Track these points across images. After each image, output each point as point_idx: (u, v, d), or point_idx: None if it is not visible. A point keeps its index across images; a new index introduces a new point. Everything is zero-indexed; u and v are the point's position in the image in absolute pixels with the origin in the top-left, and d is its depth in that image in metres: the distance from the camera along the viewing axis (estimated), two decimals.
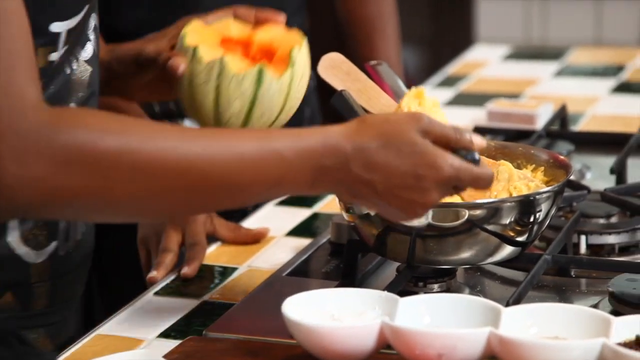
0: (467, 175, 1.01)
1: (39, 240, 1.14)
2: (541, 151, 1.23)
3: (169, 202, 0.98)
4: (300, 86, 1.18)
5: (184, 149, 0.96)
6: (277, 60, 1.16)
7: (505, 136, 1.61)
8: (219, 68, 1.14)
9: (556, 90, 1.97)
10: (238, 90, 1.14)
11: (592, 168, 1.56)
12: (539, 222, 1.14)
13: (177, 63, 1.15)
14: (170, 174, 0.96)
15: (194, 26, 1.18)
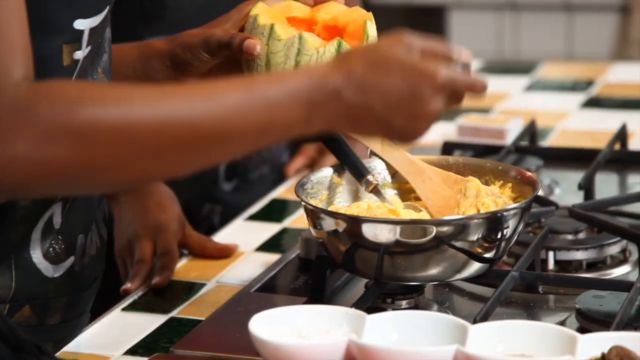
0: (462, 80, 1.00)
1: (58, 255, 1.13)
2: (509, 167, 1.23)
3: (158, 164, 0.95)
4: None
5: (167, 107, 0.94)
6: (349, 35, 1.14)
7: (474, 151, 1.62)
8: (298, 45, 1.12)
9: (526, 104, 1.98)
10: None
11: (560, 183, 1.57)
12: (507, 238, 1.14)
13: (254, 43, 1.13)
14: (154, 135, 0.93)
15: (261, 7, 1.16)
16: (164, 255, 1.34)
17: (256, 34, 1.14)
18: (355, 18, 1.16)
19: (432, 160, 1.26)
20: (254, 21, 1.15)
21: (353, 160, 1.24)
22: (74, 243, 1.15)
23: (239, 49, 1.14)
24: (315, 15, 1.17)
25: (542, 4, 3.47)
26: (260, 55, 1.13)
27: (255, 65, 1.14)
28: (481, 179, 1.22)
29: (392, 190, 1.26)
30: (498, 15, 3.52)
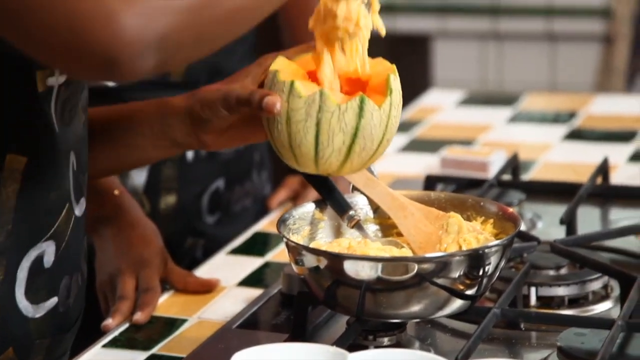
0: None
1: (40, 295, 1.11)
2: (491, 203, 1.24)
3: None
4: (397, 115, 1.13)
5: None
6: (371, 89, 1.12)
7: (457, 185, 1.62)
8: (319, 102, 1.09)
9: (509, 136, 1.98)
10: (340, 123, 1.09)
11: (543, 217, 1.57)
12: (489, 275, 1.14)
13: (274, 101, 1.10)
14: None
15: (281, 62, 1.13)
16: (146, 291, 1.33)
17: (276, 90, 1.11)
18: (378, 71, 1.13)
19: (414, 196, 1.26)
20: (273, 77, 1.12)
21: (335, 195, 1.23)
22: (58, 284, 1.13)
23: (259, 105, 1.11)
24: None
25: (525, 34, 3.49)
26: (281, 113, 1.10)
27: (276, 123, 1.11)
28: (463, 214, 1.22)
29: (374, 225, 1.26)
30: (482, 44, 3.54)
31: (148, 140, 1.21)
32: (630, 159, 1.82)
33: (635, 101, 2.21)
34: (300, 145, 1.11)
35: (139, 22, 0.92)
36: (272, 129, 1.12)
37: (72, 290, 1.16)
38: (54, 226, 1.10)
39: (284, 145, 1.12)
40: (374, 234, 1.26)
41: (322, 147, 1.10)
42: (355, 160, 1.12)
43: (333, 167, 1.13)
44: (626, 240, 1.45)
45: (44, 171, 1.08)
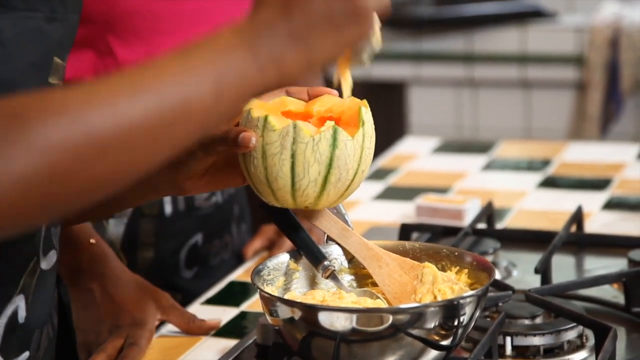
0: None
1: (13, 350, 1.09)
2: (465, 253, 1.24)
3: (130, 157, 0.92)
4: (371, 147, 1.15)
5: (125, 108, 0.90)
6: (344, 123, 1.14)
7: (432, 233, 1.62)
8: (293, 134, 1.11)
9: (484, 184, 1.99)
10: (314, 154, 1.11)
11: (518, 265, 1.57)
12: (464, 325, 1.14)
13: (249, 136, 1.11)
14: (120, 127, 0.89)
15: (254, 102, 1.15)
16: (131, 346, 1.32)
17: (250, 127, 1.12)
18: (350, 106, 1.15)
19: (388, 246, 1.26)
20: (247, 115, 1.14)
21: (309, 245, 1.23)
22: (30, 338, 1.12)
23: (235, 142, 1.12)
24: (310, 109, 1.16)
25: (499, 81, 3.51)
26: (256, 148, 1.12)
27: (252, 158, 1.13)
28: (438, 264, 1.23)
29: (349, 275, 1.26)
30: (457, 91, 3.56)
31: (127, 189, 1.21)
32: (604, 207, 1.83)
33: (609, 148, 2.23)
34: (277, 178, 1.12)
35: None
36: (249, 165, 1.14)
37: (42, 343, 1.14)
38: (21, 280, 1.09)
39: (261, 180, 1.14)
40: (348, 284, 1.25)
41: (298, 178, 1.12)
42: (332, 192, 1.14)
43: (310, 199, 1.14)
44: (601, 289, 1.45)
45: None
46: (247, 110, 1.14)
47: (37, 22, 1.02)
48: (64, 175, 0.88)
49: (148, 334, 1.35)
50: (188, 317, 1.39)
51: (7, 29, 0.99)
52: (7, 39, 0.99)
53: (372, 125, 1.16)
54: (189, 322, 1.39)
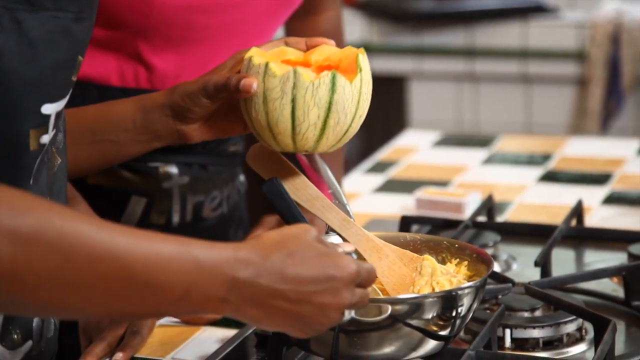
0: (364, 270, 1.02)
1: (14, 340, 1.10)
2: (465, 245, 1.24)
3: (83, 295, 0.93)
4: (368, 93, 1.19)
5: (107, 235, 0.93)
6: (342, 70, 1.17)
7: (432, 225, 1.62)
8: (293, 79, 1.15)
9: (484, 178, 1.99)
10: (314, 98, 1.15)
11: (518, 258, 1.57)
12: (462, 316, 1.14)
13: (250, 81, 1.16)
14: (90, 257, 0.92)
15: (254, 50, 1.20)
16: (133, 334, 1.32)
17: (252, 74, 1.17)
18: (347, 55, 1.19)
19: (389, 237, 1.26)
20: (248, 62, 1.18)
21: None
22: (30, 327, 1.12)
23: (236, 88, 1.17)
24: (309, 58, 1.21)
25: (500, 75, 3.51)
26: (257, 93, 1.16)
27: (253, 104, 1.17)
28: (438, 256, 1.23)
29: None
30: (457, 85, 3.56)
31: (130, 135, 1.26)
32: (605, 201, 1.83)
33: (610, 143, 2.23)
34: (277, 122, 1.16)
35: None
36: (250, 111, 1.18)
37: (45, 332, 1.15)
38: None
39: (262, 125, 1.18)
40: None
41: (298, 122, 1.16)
42: (331, 136, 1.17)
43: (310, 142, 1.18)
44: (600, 283, 1.46)
45: None
46: (248, 57, 1.19)
47: (65, 22, 1.03)
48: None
49: (150, 323, 1.35)
50: None
51: (36, 28, 1.00)
52: (36, 38, 1.01)
53: (369, 72, 1.20)
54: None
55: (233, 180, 1.68)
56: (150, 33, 1.48)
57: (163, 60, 1.51)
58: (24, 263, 0.89)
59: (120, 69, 1.51)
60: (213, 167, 1.61)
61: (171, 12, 1.47)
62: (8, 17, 0.98)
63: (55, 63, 1.03)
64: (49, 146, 1.09)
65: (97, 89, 1.50)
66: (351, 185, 1.96)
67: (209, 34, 1.51)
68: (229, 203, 1.68)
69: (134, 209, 1.56)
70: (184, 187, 1.58)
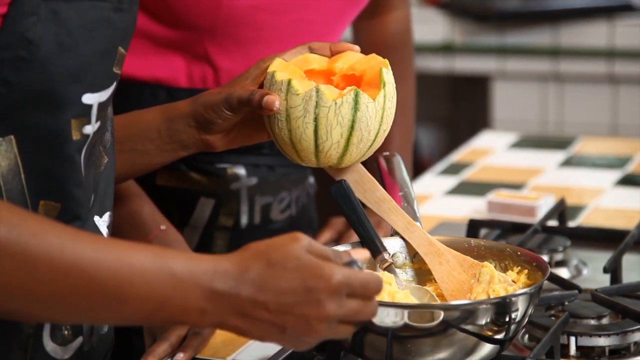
0: (356, 280, 0.98)
1: (65, 336, 1.11)
2: (526, 253, 1.22)
3: (49, 306, 0.94)
4: (392, 107, 1.19)
5: (73, 248, 0.93)
6: (366, 83, 1.17)
7: (501, 229, 1.60)
8: (316, 98, 1.15)
9: (560, 180, 1.95)
10: (337, 117, 1.15)
11: (589, 264, 1.54)
12: (517, 321, 1.12)
13: (273, 99, 1.16)
14: (53, 275, 0.93)
15: (278, 63, 1.20)
16: (195, 335, 1.32)
17: (275, 90, 1.17)
18: (372, 66, 1.18)
19: (454, 242, 1.25)
20: (271, 77, 1.18)
21: (372, 236, 1.23)
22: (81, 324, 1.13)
23: (259, 105, 1.17)
24: (333, 66, 1.20)
25: (586, 76, 3.45)
26: (280, 110, 1.16)
27: (276, 120, 1.17)
28: (501, 263, 1.22)
29: (411, 270, 1.25)
30: (542, 85, 3.51)
31: (155, 145, 1.27)
32: None
33: None
34: (300, 140, 1.16)
35: None
36: (273, 127, 1.18)
37: (96, 329, 1.16)
38: None
39: (285, 142, 1.18)
40: (412, 278, 1.24)
41: (321, 140, 1.16)
42: (354, 152, 1.17)
43: (333, 159, 1.18)
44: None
45: (75, 216, 1.08)
46: (271, 72, 1.18)
47: (104, 11, 1.04)
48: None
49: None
50: None
51: (75, 17, 1.01)
52: (74, 28, 1.01)
53: (393, 85, 1.18)
54: None
55: (302, 182, 1.67)
56: (217, 33, 1.48)
57: (230, 61, 1.51)
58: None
59: (189, 70, 1.51)
60: (281, 168, 1.61)
61: (238, 12, 1.47)
62: (45, 7, 0.99)
63: (95, 53, 1.04)
64: (97, 145, 1.10)
65: (166, 91, 1.51)
66: (423, 187, 1.94)
67: (276, 33, 1.51)
68: (297, 205, 1.67)
69: (202, 211, 1.56)
70: (252, 188, 1.58)
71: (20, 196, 1.03)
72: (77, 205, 1.08)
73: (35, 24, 0.98)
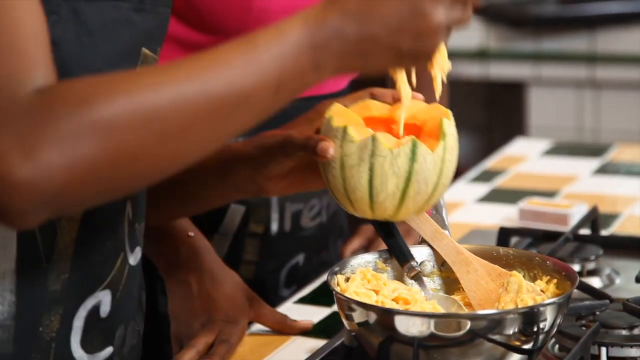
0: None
1: (95, 344, 1.10)
2: (555, 263, 1.20)
3: (185, 143, 0.94)
4: (452, 160, 1.13)
5: (178, 86, 0.93)
6: (426, 134, 1.12)
7: (532, 237, 1.58)
8: (372, 147, 1.09)
9: (594, 188, 1.93)
10: (393, 168, 1.09)
11: (621, 273, 1.52)
12: (545, 331, 1.11)
13: (327, 146, 1.11)
14: (172, 114, 0.92)
15: (337, 108, 1.15)
16: (223, 342, 1.32)
17: (330, 136, 1.12)
18: (433, 115, 1.13)
19: (482, 250, 1.23)
20: (328, 123, 1.13)
21: (400, 244, 1.22)
22: (113, 333, 1.12)
23: (314, 151, 1.13)
24: (394, 114, 1.15)
25: (623, 82, 3.42)
26: (335, 158, 1.11)
27: (331, 168, 1.12)
28: (529, 272, 1.20)
29: (439, 278, 1.24)
30: (578, 92, 3.48)
31: (210, 187, 1.23)
32: None
33: None
34: (354, 190, 1.11)
35: (34, 179, 0.87)
36: (328, 174, 1.13)
37: (127, 339, 1.15)
38: (109, 276, 1.10)
39: (339, 190, 1.13)
40: (440, 287, 1.23)
41: (376, 191, 1.10)
42: (411, 205, 1.12)
43: (388, 211, 1.13)
44: None
45: (101, 220, 1.08)
46: (328, 117, 1.13)
47: (125, 12, 1.03)
48: (127, 158, 0.91)
49: (239, 332, 1.35)
50: (280, 317, 1.39)
51: (95, 17, 1.01)
52: (95, 28, 1.01)
53: (455, 137, 1.13)
54: (281, 323, 1.38)
55: None
56: None
57: None
58: (113, 148, 0.89)
59: None
60: None
61: (268, 16, 1.47)
62: (66, 7, 0.98)
63: (116, 53, 1.03)
64: None
65: None
66: (455, 194, 1.92)
67: None
68: (328, 212, 1.66)
69: (232, 218, 1.56)
70: (283, 195, 1.57)
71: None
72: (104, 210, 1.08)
73: (55, 23, 0.97)
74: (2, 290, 1.02)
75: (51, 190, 0.89)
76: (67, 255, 1.06)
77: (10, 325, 1.03)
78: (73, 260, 1.06)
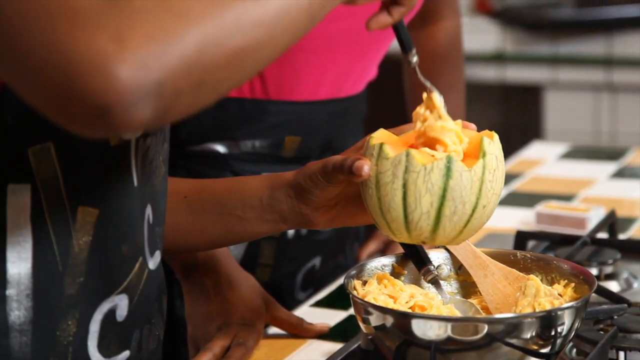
0: None
1: (112, 348, 1.10)
2: (573, 267, 1.20)
3: (276, 45, 0.96)
4: (494, 180, 1.07)
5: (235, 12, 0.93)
6: (466, 155, 1.07)
7: (549, 241, 1.57)
8: (405, 162, 1.06)
9: (611, 192, 1.93)
10: (426, 184, 1.05)
11: (639, 277, 1.51)
12: (563, 335, 1.10)
13: (362, 164, 1.09)
14: (277, 21, 0.95)
15: (379, 132, 1.12)
16: (239, 346, 1.32)
17: (367, 155, 1.10)
18: (476, 136, 1.09)
19: (500, 254, 1.23)
20: (367, 143, 1.11)
21: (417, 248, 1.22)
22: (129, 337, 1.12)
23: (350, 170, 1.11)
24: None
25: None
26: (371, 177, 1.09)
27: (367, 188, 1.09)
28: (547, 276, 1.20)
29: (456, 282, 1.24)
30: (595, 95, 3.47)
31: (256, 213, 1.22)
32: None
33: None
34: (389, 209, 1.08)
35: (133, 68, 0.86)
36: (366, 195, 1.11)
37: (144, 343, 1.15)
38: (126, 280, 1.10)
39: (376, 212, 1.10)
40: (457, 291, 1.23)
41: (410, 209, 1.07)
42: (448, 226, 1.07)
43: (425, 232, 1.08)
44: None
45: (117, 224, 1.08)
46: (368, 139, 1.11)
47: None
48: (210, 65, 0.91)
49: (256, 336, 1.35)
50: (296, 320, 1.38)
51: None
52: None
53: (497, 158, 1.08)
54: (297, 326, 1.38)
55: None
56: None
57: (277, 70, 1.51)
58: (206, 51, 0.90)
59: None
60: None
61: None
62: None
63: None
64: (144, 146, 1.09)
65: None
66: None
67: (323, 42, 1.50)
68: None
69: None
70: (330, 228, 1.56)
71: (58, 202, 1.03)
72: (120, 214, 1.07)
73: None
74: (18, 295, 1.02)
75: (152, 80, 0.87)
76: (82, 259, 1.05)
77: (27, 330, 1.03)
78: (88, 264, 1.06)
